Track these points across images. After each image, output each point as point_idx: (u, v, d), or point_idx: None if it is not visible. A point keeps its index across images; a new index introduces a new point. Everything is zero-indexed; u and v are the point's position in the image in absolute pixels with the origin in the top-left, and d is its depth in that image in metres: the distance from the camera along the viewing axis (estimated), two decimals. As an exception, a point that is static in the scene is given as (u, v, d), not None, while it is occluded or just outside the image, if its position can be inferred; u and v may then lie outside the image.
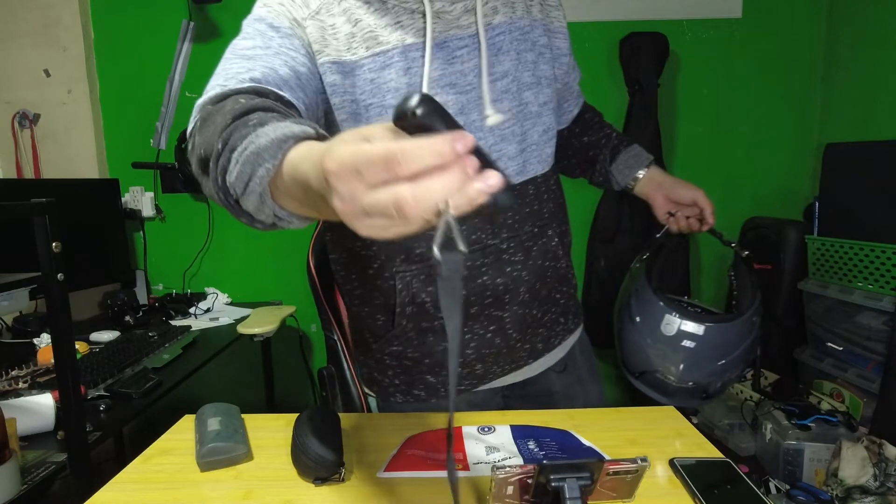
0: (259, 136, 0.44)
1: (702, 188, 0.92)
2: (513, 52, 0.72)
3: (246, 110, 0.51)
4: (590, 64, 2.23)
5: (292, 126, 0.44)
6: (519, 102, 0.74)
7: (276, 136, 0.43)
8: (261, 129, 0.46)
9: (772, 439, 1.66)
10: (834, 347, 1.81)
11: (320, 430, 0.65)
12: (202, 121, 0.55)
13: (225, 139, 0.48)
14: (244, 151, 0.45)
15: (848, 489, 1.44)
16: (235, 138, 0.47)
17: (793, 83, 2.25)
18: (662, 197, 0.94)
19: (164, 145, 2.22)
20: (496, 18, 0.71)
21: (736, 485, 0.62)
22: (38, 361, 1.43)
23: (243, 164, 0.44)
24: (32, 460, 1.00)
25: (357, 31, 0.68)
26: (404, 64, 0.68)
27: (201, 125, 0.54)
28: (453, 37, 0.69)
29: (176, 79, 2.18)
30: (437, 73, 0.69)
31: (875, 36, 1.98)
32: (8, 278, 0.93)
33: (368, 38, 0.68)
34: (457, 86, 0.70)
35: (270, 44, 0.65)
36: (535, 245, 0.80)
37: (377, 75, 0.68)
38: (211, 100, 0.57)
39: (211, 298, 2.21)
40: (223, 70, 0.62)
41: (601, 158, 0.98)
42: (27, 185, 2.01)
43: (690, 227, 0.94)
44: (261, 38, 0.65)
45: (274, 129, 0.44)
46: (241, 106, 0.51)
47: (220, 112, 0.52)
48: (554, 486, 0.52)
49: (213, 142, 0.49)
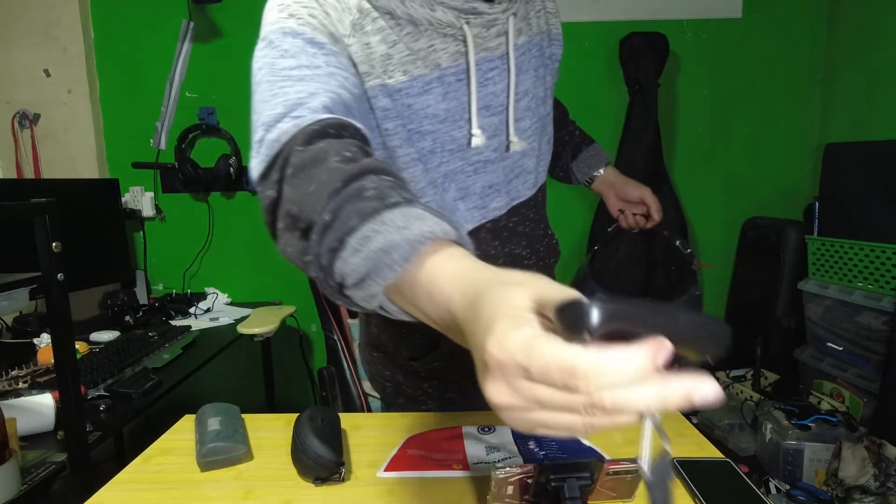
0: (386, 226, 0.38)
1: (648, 188, 1.00)
2: (531, 69, 0.73)
3: (357, 173, 0.43)
4: (590, 64, 2.23)
5: (426, 218, 0.38)
6: (537, 118, 0.76)
7: (411, 235, 0.37)
8: (387, 213, 0.39)
9: (772, 439, 1.66)
10: (834, 347, 1.81)
11: (320, 429, 0.65)
12: (296, 169, 0.47)
13: (334, 211, 0.41)
14: (367, 243, 0.39)
15: (848, 489, 1.44)
16: (349, 214, 0.40)
17: (793, 83, 2.25)
18: (614, 195, 1.02)
19: (164, 145, 2.22)
20: (520, 39, 0.71)
21: (736, 485, 0.62)
22: (38, 361, 1.43)
23: (364, 259, 0.38)
24: (32, 460, 1.00)
25: (394, 52, 0.63)
26: (442, 89, 0.66)
27: (294, 174, 0.47)
28: (483, 59, 0.68)
29: (176, 79, 2.18)
30: (475, 97, 0.68)
31: (875, 36, 1.98)
32: (8, 278, 0.93)
33: (406, 61, 0.64)
34: (490, 108, 0.70)
35: (317, 62, 0.57)
36: (541, 246, 0.84)
37: (415, 101, 0.65)
38: (301, 138, 0.49)
39: (211, 298, 2.21)
40: (276, 94, 0.55)
41: (564, 155, 1.03)
42: (27, 185, 2.01)
43: (638, 224, 1.02)
44: (304, 57, 0.57)
45: (404, 218, 0.39)
46: (349, 167, 0.44)
47: (321, 166, 0.45)
48: (554, 486, 0.52)
49: (317, 209, 0.42)
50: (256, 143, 0.54)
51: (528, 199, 0.78)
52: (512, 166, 0.74)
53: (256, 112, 0.56)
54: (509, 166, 0.74)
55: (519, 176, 0.76)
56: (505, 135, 0.72)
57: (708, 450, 0.70)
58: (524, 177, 0.77)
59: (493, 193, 0.73)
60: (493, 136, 0.71)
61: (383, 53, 0.63)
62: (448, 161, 0.69)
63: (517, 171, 0.75)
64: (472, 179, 0.71)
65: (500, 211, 0.75)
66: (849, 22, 2.11)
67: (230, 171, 2.15)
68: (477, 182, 0.71)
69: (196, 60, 2.19)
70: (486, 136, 0.69)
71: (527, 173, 0.77)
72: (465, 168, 0.70)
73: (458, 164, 0.69)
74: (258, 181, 0.52)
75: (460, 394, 0.83)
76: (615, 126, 2.20)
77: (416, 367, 0.82)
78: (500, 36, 0.69)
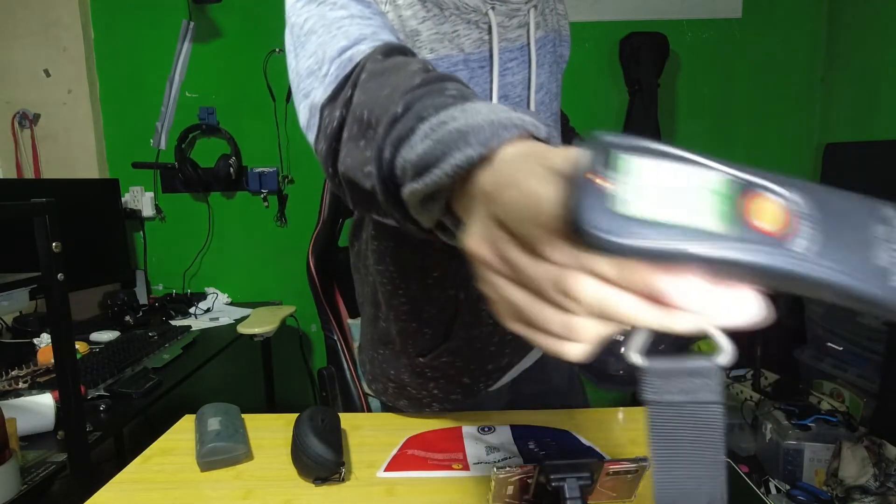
0: (467, 113, 0.33)
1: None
2: (546, 64, 0.75)
3: (438, 77, 0.39)
4: (590, 64, 2.23)
5: (513, 111, 0.32)
6: (551, 113, 0.77)
7: (496, 118, 0.31)
8: (469, 103, 0.34)
9: (772, 439, 1.66)
10: (834, 347, 1.81)
11: (320, 429, 0.65)
12: (371, 74, 0.42)
13: (408, 103, 0.37)
14: (443, 125, 0.33)
15: (848, 489, 1.44)
16: (426, 105, 0.36)
17: (793, 83, 2.25)
18: None
19: (164, 145, 2.22)
20: (539, 32, 0.73)
21: (736, 485, 0.62)
22: (38, 361, 1.43)
23: (435, 142, 0.32)
24: (32, 460, 1.00)
25: (423, 29, 0.64)
26: (467, 73, 0.67)
27: (368, 79, 0.42)
28: (504, 49, 0.69)
29: (176, 79, 2.18)
30: (497, 85, 0.70)
31: (875, 36, 1.98)
32: (8, 278, 0.93)
33: (434, 39, 0.65)
34: (508, 97, 0.71)
35: (367, 13, 0.54)
36: None
37: None
38: (380, 50, 0.45)
39: (211, 298, 2.21)
40: (335, 35, 0.51)
41: None
42: (27, 185, 2.01)
43: None
44: (355, 8, 0.54)
45: (489, 108, 0.33)
46: (429, 74, 0.40)
47: (399, 69, 0.41)
48: (554, 486, 0.52)
49: (390, 102, 0.38)
50: (322, 76, 0.49)
51: None
52: None
53: (313, 56, 0.52)
54: None
55: None
56: None
57: (708, 450, 0.70)
58: None
59: None
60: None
61: (412, 29, 0.64)
62: None
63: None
64: None
65: None
66: (849, 22, 2.11)
67: (230, 171, 2.15)
68: None
69: (196, 60, 2.19)
70: None
71: None
72: None
73: None
74: (325, 105, 0.48)
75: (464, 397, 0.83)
76: (615, 126, 2.20)
77: (424, 364, 0.81)
78: (520, 27, 0.70)
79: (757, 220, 0.20)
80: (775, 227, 0.20)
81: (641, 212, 0.20)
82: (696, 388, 0.24)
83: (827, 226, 0.20)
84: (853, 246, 0.20)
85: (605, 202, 0.20)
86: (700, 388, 0.24)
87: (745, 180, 0.21)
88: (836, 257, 0.20)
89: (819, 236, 0.20)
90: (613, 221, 0.20)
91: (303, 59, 0.54)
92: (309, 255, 1.02)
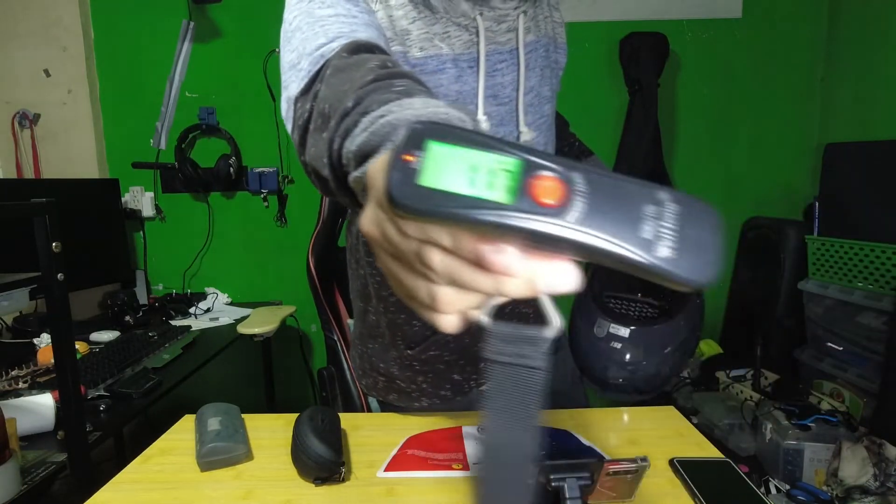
0: (403, 108, 0.37)
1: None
2: (537, 68, 0.77)
3: (393, 74, 0.43)
4: (590, 64, 2.23)
5: (444, 105, 0.36)
6: (540, 115, 0.79)
7: (423, 112, 0.35)
8: (407, 99, 0.38)
9: (772, 439, 1.66)
10: (834, 347, 1.81)
11: (320, 429, 0.65)
12: (335, 70, 0.46)
13: (359, 97, 0.40)
14: (379, 119, 0.37)
15: (848, 489, 1.44)
16: (373, 100, 0.39)
17: (793, 83, 2.25)
18: None
19: (164, 145, 2.22)
20: (528, 37, 0.75)
21: (736, 485, 0.62)
22: (38, 361, 1.43)
23: (372, 133, 0.36)
24: (32, 460, 1.00)
25: (413, 28, 0.67)
26: (456, 72, 0.69)
27: (332, 75, 0.46)
28: (493, 51, 0.72)
29: (176, 79, 2.18)
30: (483, 84, 0.72)
31: (875, 36, 1.98)
32: (8, 278, 0.93)
33: (423, 38, 0.68)
34: (497, 97, 0.73)
35: (354, 12, 0.57)
36: None
37: (429, 78, 0.68)
38: (347, 48, 0.49)
39: (211, 298, 2.21)
40: (316, 32, 0.53)
41: None
42: (27, 185, 2.01)
43: None
44: (342, 7, 0.57)
45: (424, 104, 0.37)
46: (388, 68, 0.44)
47: (359, 66, 0.45)
48: (554, 486, 0.52)
49: (345, 97, 0.41)
50: (298, 70, 0.52)
51: None
52: None
53: (295, 51, 0.55)
54: None
55: None
56: (513, 125, 0.75)
57: (708, 450, 0.70)
58: None
59: None
60: (499, 124, 0.74)
61: (403, 28, 0.67)
62: None
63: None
64: None
65: None
66: (849, 22, 2.11)
67: (230, 171, 2.15)
68: None
69: (196, 60, 2.19)
70: (492, 123, 0.72)
71: None
72: None
73: None
74: (298, 98, 0.51)
75: (455, 394, 0.83)
76: (615, 126, 2.20)
77: (412, 356, 0.82)
78: (509, 32, 0.73)
79: (538, 194, 0.24)
80: (553, 200, 0.24)
81: (439, 184, 0.24)
82: (526, 353, 0.27)
83: (599, 202, 0.24)
84: (622, 219, 0.24)
85: (411, 177, 0.24)
86: (530, 355, 0.27)
87: (533, 161, 0.24)
88: (603, 227, 0.24)
89: (590, 210, 0.24)
90: (416, 192, 0.24)
91: (287, 53, 0.56)
92: (309, 255, 1.02)
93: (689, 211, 0.24)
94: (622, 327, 1.10)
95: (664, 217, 0.24)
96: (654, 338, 1.09)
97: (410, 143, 0.24)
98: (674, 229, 0.24)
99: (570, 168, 0.25)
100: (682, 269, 0.23)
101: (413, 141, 0.25)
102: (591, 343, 1.11)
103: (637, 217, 0.24)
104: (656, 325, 1.11)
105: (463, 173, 0.24)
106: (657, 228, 0.24)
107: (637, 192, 0.24)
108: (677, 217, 0.24)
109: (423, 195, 0.24)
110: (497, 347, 0.28)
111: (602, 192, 0.24)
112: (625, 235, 0.24)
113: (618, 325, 1.10)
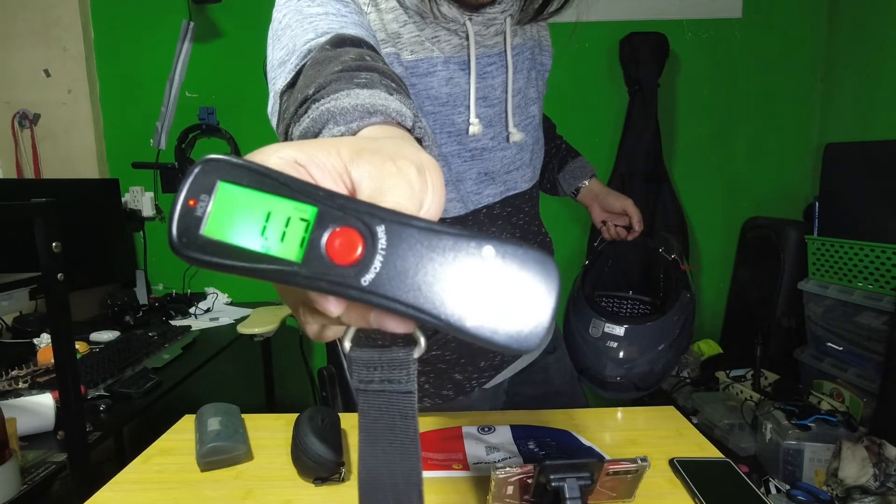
0: (349, 97, 0.36)
1: (630, 199, 1.01)
2: (524, 70, 0.78)
3: (363, 67, 0.42)
4: (590, 64, 2.23)
5: (391, 99, 0.36)
6: (527, 116, 0.80)
7: (365, 102, 0.35)
8: (358, 90, 0.37)
9: (772, 439, 1.66)
10: (834, 347, 1.81)
11: (320, 429, 0.65)
12: (314, 62, 0.46)
13: (320, 86, 0.40)
14: (321, 106, 0.36)
15: (848, 489, 1.44)
16: (330, 90, 0.39)
17: (793, 83, 2.25)
18: (597, 206, 1.05)
19: (164, 145, 2.22)
20: (515, 40, 0.76)
21: (736, 485, 0.62)
22: (38, 361, 1.43)
23: (313, 120, 0.36)
24: (32, 460, 1.00)
25: (404, 32, 0.68)
26: (446, 74, 0.70)
27: (311, 66, 0.46)
28: (482, 55, 0.73)
29: (176, 79, 2.18)
30: (474, 87, 0.73)
31: (875, 36, 1.98)
32: (8, 278, 0.93)
33: (414, 41, 0.68)
34: (487, 99, 0.75)
35: (344, 12, 0.57)
36: (535, 241, 0.87)
37: (419, 81, 0.69)
38: (331, 42, 0.48)
39: (211, 298, 2.21)
40: (305, 29, 0.53)
41: (550, 167, 1.05)
42: (27, 185, 2.01)
43: (619, 235, 1.04)
44: (332, 6, 0.57)
45: (371, 95, 0.36)
46: (363, 61, 0.43)
47: (336, 58, 0.44)
48: (554, 486, 0.52)
49: (308, 88, 0.41)
50: (286, 65, 0.52)
51: (523, 192, 0.82)
52: (512, 158, 0.78)
53: (285, 48, 0.54)
54: (508, 157, 0.78)
55: (519, 168, 0.80)
56: (502, 126, 0.76)
57: (708, 450, 0.70)
58: (522, 170, 0.80)
59: (487, 181, 0.76)
60: (489, 125, 0.75)
61: (394, 31, 0.67)
62: (446, 143, 0.72)
63: (517, 163, 0.79)
64: (469, 165, 0.74)
65: (495, 198, 0.78)
66: (849, 22, 2.11)
67: (230, 171, 2.15)
68: (473, 168, 0.75)
69: (196, 60, 2.18)
70: (482, 124, 0.73)
71: (524, 166, 0.81)
72: (463, 153, 0.74)
73: (455, 147, 0.73)
74: (284, 91, 0.50)
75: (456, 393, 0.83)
76: (615, 126, 2.20)
77: None
78: (497, 35, 0.74)
79: (331, 250, 0.22)
80: (347, 257, 0.22)
81: (225, 235, 0.22)
82: (394, 378, 0.26)
83: (401, 260, 0.22)
84: (426, 281, 0.22)
85: (195, 226, 0.22)
86: (398, 379, 0.26)
87: (330, 212, 0.22)
88: (401, 291, 0.22)
89: (388, 270, 0.22)
90: (199, 243, 0.22)
91: (276, 51, 0.56)
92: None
93: (517, 266, 0.22)
94: (617, 326, 1.11)
95: (483, 274, 0.22)
96: (648, 335, 1.11)
97: (198, 185, 0.22)
98: (494, 288, 0.21)
99: (375, 219, 0.22)
100: (499, 336, 0.21)
101: (201, 181, 0.22)
102: (587, 343, 1.13)
103: (447, 276, 0.21)
104: (650, 323, 1.12)
105: (253, 222, 0.22)
106: (472, 288, 0.21)
107: (453, 246, 0.22)
108: (500, 274, 0.22)
109: (206, 247, 0.22)
110: (363, 375, 0.26)
111: (406, 247, 0.22)
112: (427, 299, 0.21)
113: (612, 324, 1.12)
